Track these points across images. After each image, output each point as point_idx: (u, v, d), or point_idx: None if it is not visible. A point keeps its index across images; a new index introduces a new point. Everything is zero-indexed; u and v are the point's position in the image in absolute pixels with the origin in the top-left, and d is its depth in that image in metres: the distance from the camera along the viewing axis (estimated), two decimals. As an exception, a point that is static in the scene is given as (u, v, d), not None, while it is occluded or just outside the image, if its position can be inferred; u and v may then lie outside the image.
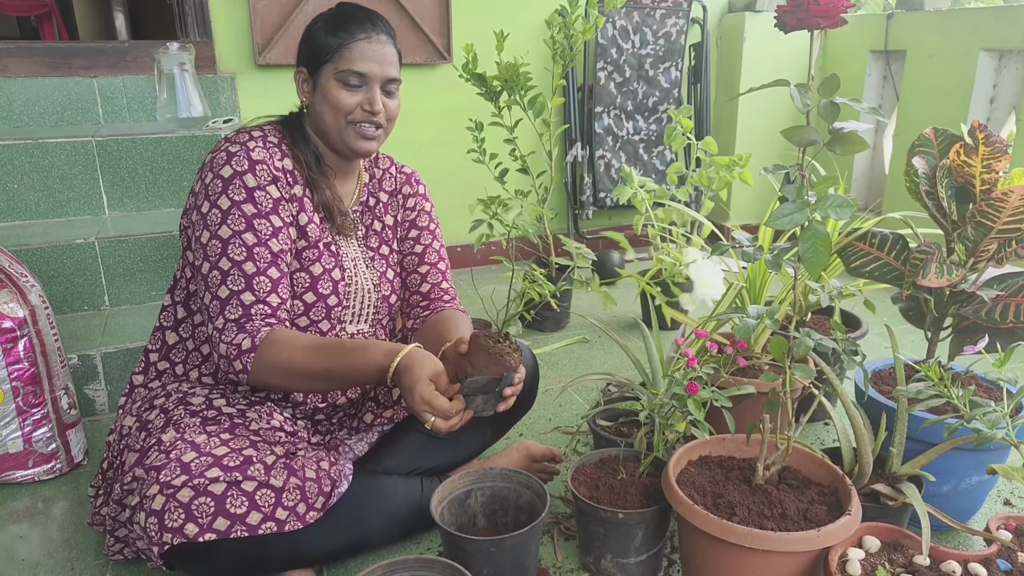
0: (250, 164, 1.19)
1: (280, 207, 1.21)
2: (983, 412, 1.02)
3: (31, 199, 2.03)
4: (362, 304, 1.34)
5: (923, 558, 1.06)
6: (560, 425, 1.77)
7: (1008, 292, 1.23)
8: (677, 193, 2.26)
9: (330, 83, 1.22)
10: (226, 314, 1.17)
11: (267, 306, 1.18)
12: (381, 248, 1.39)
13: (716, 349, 1.24)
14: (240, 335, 1.17)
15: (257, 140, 1.22)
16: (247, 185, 1.18)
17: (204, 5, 2.38)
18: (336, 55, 1.21)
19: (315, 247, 1.27)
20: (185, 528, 1.05)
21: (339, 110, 1.22)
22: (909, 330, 1.57)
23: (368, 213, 1.39)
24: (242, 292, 1.17)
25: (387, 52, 1.24)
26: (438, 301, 1.42)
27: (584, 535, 1.24)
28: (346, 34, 1.21)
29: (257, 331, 1.17)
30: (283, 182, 1.23)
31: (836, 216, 0.95)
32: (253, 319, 1.17)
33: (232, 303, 1.17)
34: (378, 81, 1.23)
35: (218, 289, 1.17)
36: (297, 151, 1.26)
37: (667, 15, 2.95)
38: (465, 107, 2.43)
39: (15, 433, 1.48)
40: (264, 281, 1.18)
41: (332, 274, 1.28)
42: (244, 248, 1.18)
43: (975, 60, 2.60)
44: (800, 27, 0.93)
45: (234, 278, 1.17)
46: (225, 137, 1.24)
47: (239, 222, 1.18)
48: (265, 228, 1.19)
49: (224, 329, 1.17)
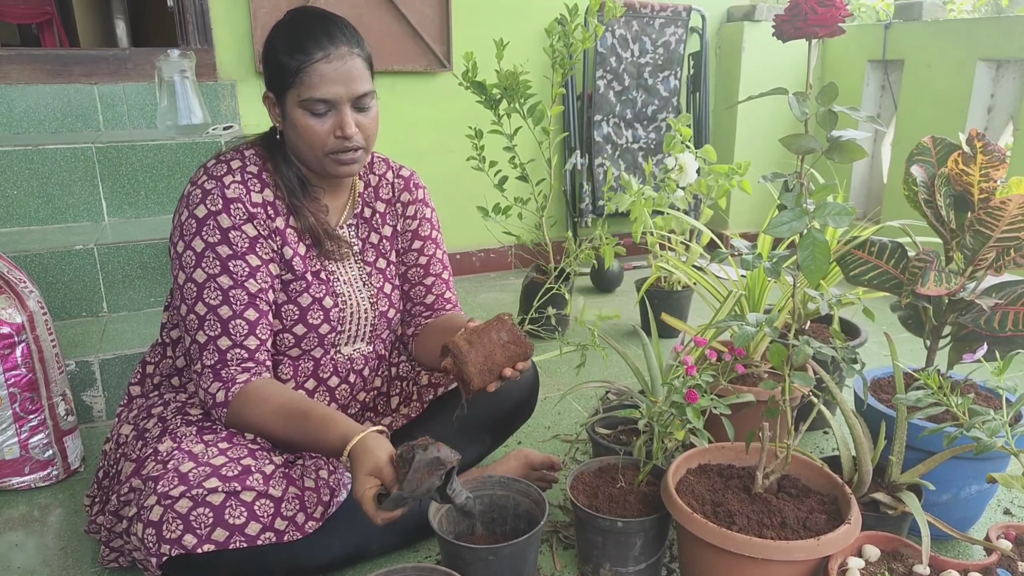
0: (224, 203, 1.14)
1: (258, 246, 1.17)
2: (982, 420, 1.02)
3: (30, 205, 2.03)
4: (358, 325, 1.31)
5: (923, 567, 1.06)
6: (559, 433, 1.76)
7: (1007, 300, 1.24)
8: (676, 201, 2.27)
9: (296, 112, 1.13)
10: (204, 359, 1.16)
11: (244, 350, 1.16)
12: (378, 262, 1.34)
13: (715, 357, 1.23)
14: (215, 384, 1.16)
15: (235, 173, 1.17)
16: (221, 226, 1.14)
17: (205, 12, 2.39)
18: (296, 80, 1.11)
19: (302, 279, 1.22)
20: (183, 539, 1.05)
21: (311, 142, 1.15)
22: (908, 338, 1.57)
23: (364, 225, 1.33)
24: (218, 337, 1.15)
25: (351, 67, 1.13)
26: (441, 311, 1.40)
27: (583, 544, 1.23)
28: (303, 55, 1.11)
29: (232, 380, 1.15)
30: (261, 218, 1.17)
31: (835, 224, 0.95)
32: (229, 365, 1.15)
33: (209, 348, 1.15)
34: (346, 102, 1.13)
35: (196, 333, 1.16)
36: (279, 177, 1.20)
37: (666, 24, 2.96)
38: (465, 115, 2.44)
39: (11, 439, 1.48)
40: (241, 324, 1.16)
41: (323, 303, 1.24)
42: (220, 291, 1.15)
43: (972, 70, 2.61)
44: (798, 36, 0.93)
45: (210, 323, 1.15)
46: (204, 167, 1.19)
47: (214, 265, 1.14)
48: (241, 269, 1.16)
49: (202, 374, 1.16)
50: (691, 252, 2.23)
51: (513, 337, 1.15)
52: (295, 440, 1.14)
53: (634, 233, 2.13)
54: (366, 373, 1.37)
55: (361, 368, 1.35)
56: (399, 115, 2.68)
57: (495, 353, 1.14)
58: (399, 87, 2.67)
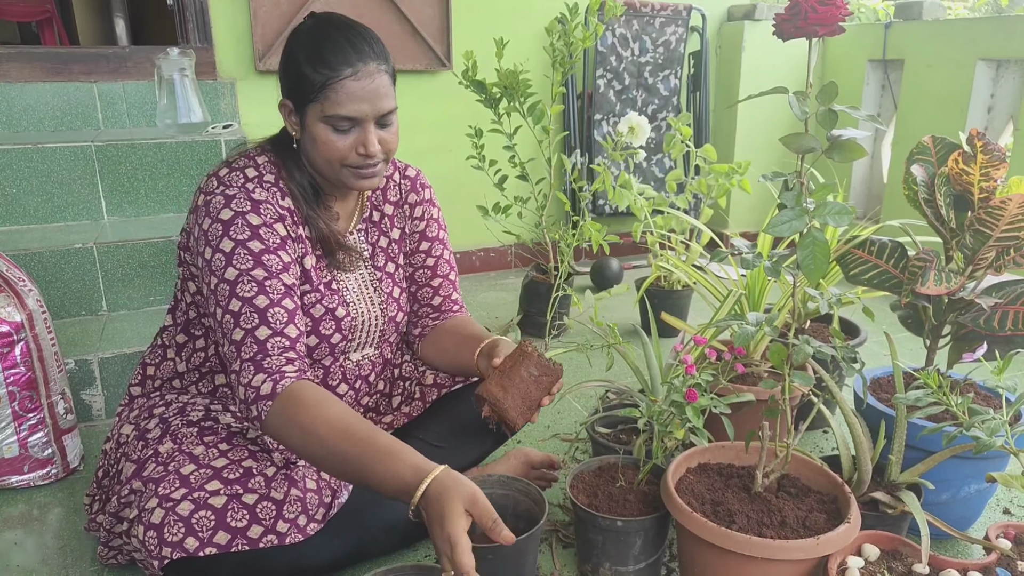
0: (252, 204, 1.11)
1: (287, 244, 1.14)
2: (982, 420, 1.02)
3: (30, 204, 2.03)
4: (369, 332, 1.30)
5: (922, 567, 1.06)
6: (559, 432, 1.76)
7: (1006, 300, 1.24)
8: (676, 200, 2.27)
9: (318, 126, 1.10)
10: (242, 354, 1.07)
11: (285, 338, 1.08)
12: (387, 266, 1.33)
13: (715, 356, 1.23)
14: (258, 375, 1.05)
15: (254, 181, 1.14)
16: (251, 223, 1.10)
17: (205, 11, 2.39)
18: (321, 96, 1.08)
19: (316, 290, 1.20)
20: (185, 542, 1.04)
21: (331, 157, 1.12)
22: (908, 338, 1.57)
23: (374, 229, 1.32)
24: (256, 328, 1.07)
25: (378, 84, 1.11)
26: (448, 312, 1.40)
27: (582, 543, 1.23)
28: (329, 70, 1.07)
29: (278, 372, 1.06)
30: (289, 221, 1.15)
31: (834, 223, 0.95)
32: (270, 354, 1.07)
33: (247, 342, 1.07)
34: (372, 120, 1.12)
35: (232, 332, 1.08)
36: (293, 185, 1.17)
37: (666, 23, 2.96)
38: (465, 114, 2.44)
39: (11, 438, 1.48)
40: (280, 312, 1.09)
41: (335, 313, 1.22)
42: (254, 283, 1.08)
43: (972, 69, 2.61)
44: (798, 35, 0.93)
45: (247, 316, 1.08)
46: (217, 177, 1.14)
47: (246, 260, 1.09)
48: (275, 262, 1.10)
49: (241, 371, 1.07)
50: (691, 251, 2.23)
51: (542, 369, 1.18)
52: (348, 460, 0.99)
53: (634, 232, 2.13)
54: (372, 378, 1.37)
55: (368, 374, 1.35)
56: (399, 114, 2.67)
57: (530, 390, 1.17)
58: (399, 86, 2.64)
